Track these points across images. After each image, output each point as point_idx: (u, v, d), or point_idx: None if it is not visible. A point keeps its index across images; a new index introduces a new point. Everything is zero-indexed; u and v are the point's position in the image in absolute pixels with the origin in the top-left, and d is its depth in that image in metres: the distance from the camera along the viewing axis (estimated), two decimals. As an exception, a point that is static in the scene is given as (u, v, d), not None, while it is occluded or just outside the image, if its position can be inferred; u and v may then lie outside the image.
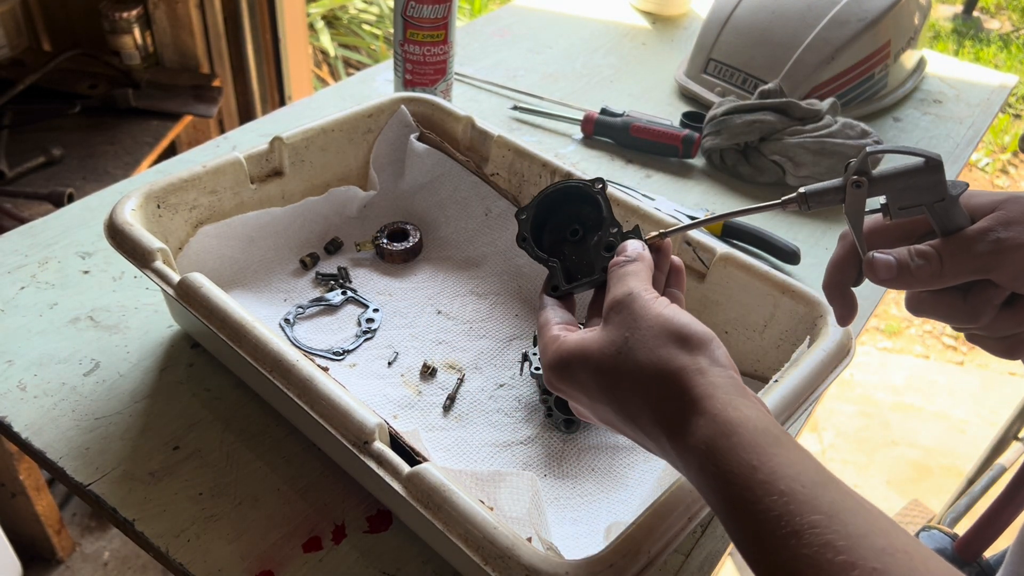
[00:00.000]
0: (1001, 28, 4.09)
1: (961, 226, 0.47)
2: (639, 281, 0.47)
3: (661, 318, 0.44)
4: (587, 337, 0.46)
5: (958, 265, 0.46)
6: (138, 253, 0.63)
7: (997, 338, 0.51)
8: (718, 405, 0.40)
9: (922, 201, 0.46)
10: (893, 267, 0.47)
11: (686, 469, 0.41)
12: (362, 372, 0.72)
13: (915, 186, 0.46)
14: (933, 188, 0.46)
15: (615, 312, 0.46)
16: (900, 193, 0.47)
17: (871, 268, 0.48)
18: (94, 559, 1.53)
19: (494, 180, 0.84)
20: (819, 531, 0.34)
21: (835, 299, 0.52)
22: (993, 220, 0.46)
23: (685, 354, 0.43)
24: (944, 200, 0.46)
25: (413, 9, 0.99)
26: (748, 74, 1.14)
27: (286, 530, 0.59)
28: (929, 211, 0.47)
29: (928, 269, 0.46)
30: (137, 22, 1.59)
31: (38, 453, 0.63)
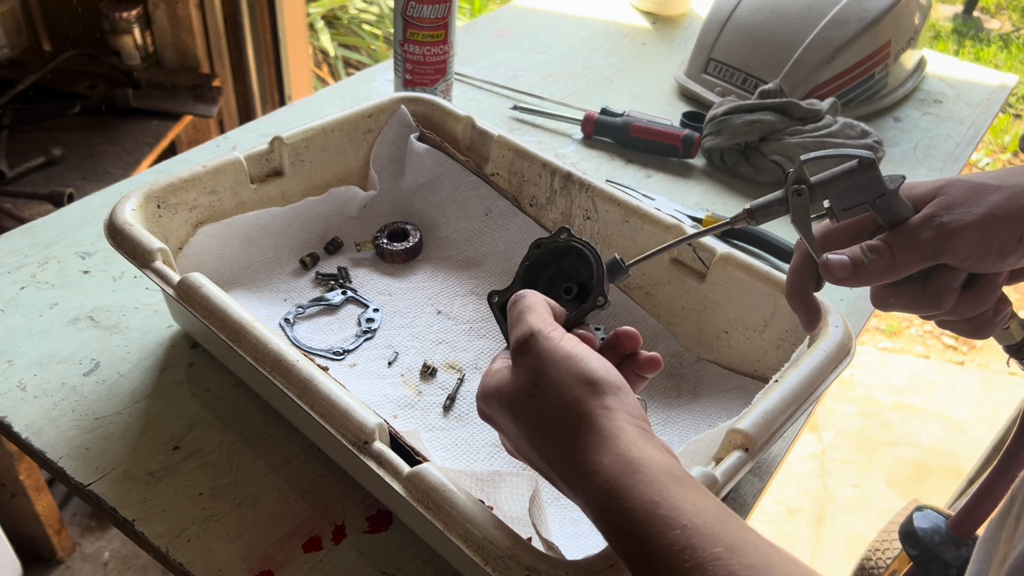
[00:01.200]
0: (1001, 28, 4.09)
1: (906, 217, 0.48)
2: (537, 317, 0.47)
3: (568, 360, 0.44)
4: (503, 379, 0.46)
5: (909, 254, 0.48)
6: (138, 253, 0.63)
7: (964, 320, 0.52)
8: (622, 445, 0.41)
9: (863, 199, 0.48)
10: (848, 265, 0.48)
11: (591, 510, 0.41)
12: (362, 372, 0.72)
13: (854, 186, 0.48)
14: (871, 186, 0.48)
15: (521, 354, 0.46)
16: (841, 195, 0.48)
17: (827, 269, 0.49)
18: (94, 559, 1.53)
19: (494, 180, 0.84)
20: (722, 563, 0.35)
21: (798, 306, 0.53)
22: (935, 206, 0.48)
23: (595, 397, 0.43)
24: (884, 195, 0.48)
25: (413, 9, 0.99)
26: (748, 74, 1.14)
27: (286, 530, 0.59)
28: (872, 208, 0.48)
29: (881, 262, 0.48)
30: (137, 22, 1.59)
31: (38, 453, 0.63)
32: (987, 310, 0.51)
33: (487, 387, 0.47)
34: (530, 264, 0.56)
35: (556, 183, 0.79)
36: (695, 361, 0.74)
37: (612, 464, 0.40)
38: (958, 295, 0.49)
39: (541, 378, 0.44)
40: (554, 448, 0.43)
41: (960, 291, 0.49)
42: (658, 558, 0.36)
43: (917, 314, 0.52)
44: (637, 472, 0.39)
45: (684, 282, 0.73)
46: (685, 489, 0.38)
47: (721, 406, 0.70)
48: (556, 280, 0.55)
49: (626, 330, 0.51)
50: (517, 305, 0.49)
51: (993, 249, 0.47)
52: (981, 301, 0.50)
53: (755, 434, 0.54)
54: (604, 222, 0.77)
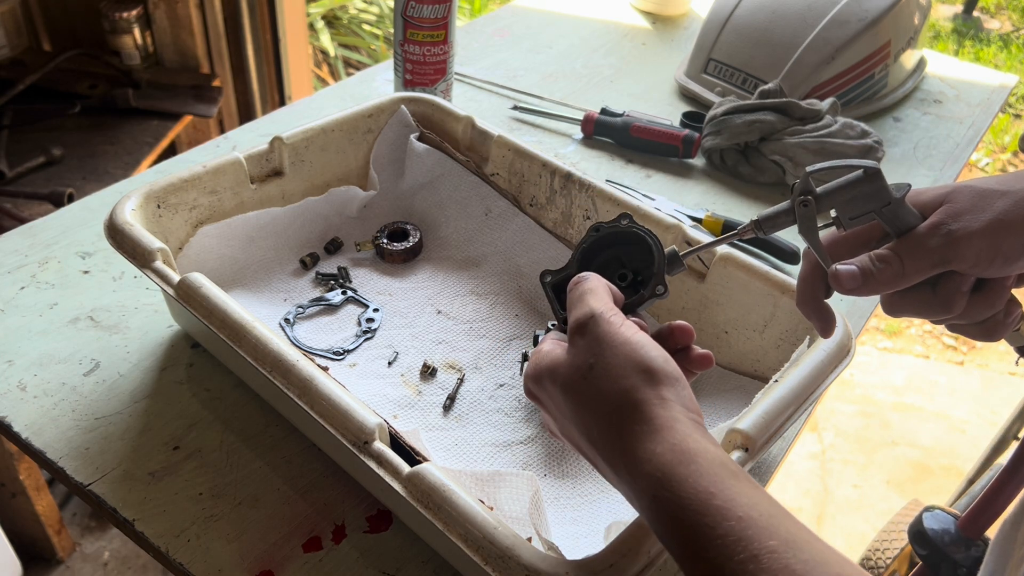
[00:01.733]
0: (1001, 28, 4.09)
1: (913, 225, 0.48)
2: (599, 300, 0.47)
3: (627, 347, 0.44)
4: (558, 358, 0.46)
5: (917, 262, 0.48)
6: (138, 253, 0.63)
7: (975, 324, 0.53)
8: (677, 436, 0.40)
9: (870, 208, 0.48)
10: (857, 276, 0.48)
11: (639, 497, 0.41)
12: (362, 372, 0.72)
13: (859, 196, 0.48)
14: (877, 195, 0.48)
15: (579, 335, 0.45)
16: (847, 205, 0.48)
17: (836, 280, 0.49)
18: (94, 559, 1.53)
19: (494, 180, 0.84)
20: (777, 555, 0.34)
21: (811, 314, 0.53)
22: (942, 214, 0.48)
23: (649, 388, 0.42)
24: (891, 204, 0.48)
25: (413, 9, 0.99)
26: (748, 74, 1.14)
27: (286, 530, 0.59)
28: (879, 216, 0.48)
29: (890, 271, 0.48)
30: (137, 22, 1.59)
31: (38, 453, 0.63)
32: (997, 313, 0.51)
33: (539, 366, 0.47)
34: (587, 247, 0.55)
35: (556, 183, 0.79)
36: (695, 361, 0.74)
37: (666, 453, 0.40)
38: (967, 299, 0.50)
39: (598, 361, 0.44)
40: (604, 432, 0.43)
41: (969, 295, 0.50)
42: (712, 548, 0.36)
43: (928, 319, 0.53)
44: (692, 462, 0.39)
45: (684, 282, 0.73)
46: (740, 482, 0.38)
47: (721, 406, 0.70)
48: (611, 266, 0.55)
49: (681, 324, 0.50)
50: (579, 287, 0.48)
51: (1001, 255, 0.47)
52: (991, 304, 0.50)
53: (755, 434, 0.54)
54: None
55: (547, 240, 0.81)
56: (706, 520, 0.37)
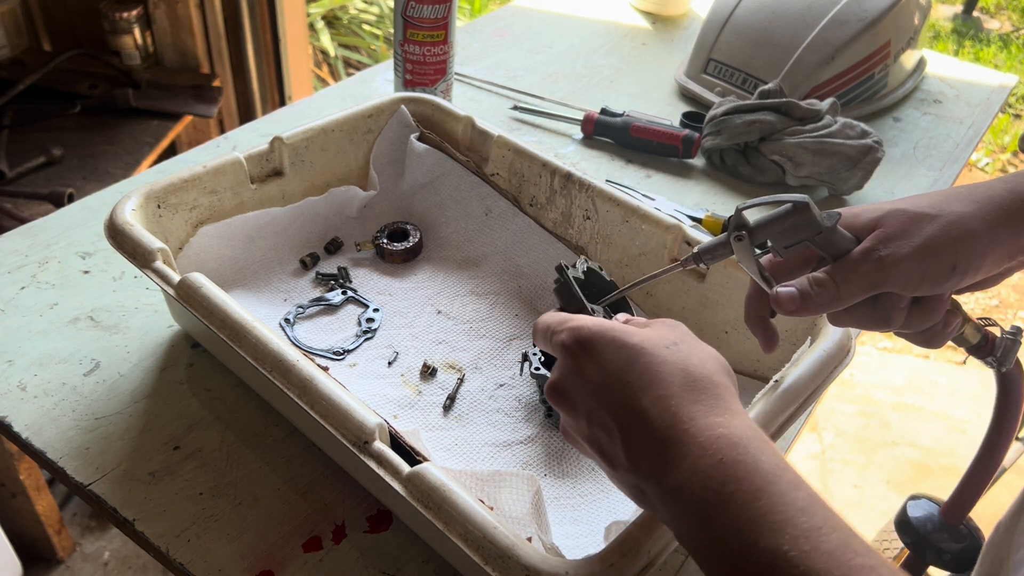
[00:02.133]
0: (1001, 28, 4.09)
1: (847, 249, 0.50)
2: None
3: (709, 347, 0.47)
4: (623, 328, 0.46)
5: (851, 286, 0.50)
6: (138, 253, 0.63)
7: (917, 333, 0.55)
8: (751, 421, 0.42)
9: (802, 238, 0.50)
10: (796, 298, 0.51)
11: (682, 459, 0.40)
12: (362, 372, 0.72)
13: (790, 227, 0.50)
14: (808, 226, 0.49)
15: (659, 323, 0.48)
16: (780, 236, 0.50)
17: (777, 303, 0.51)
18: (94, 559, 1.53)
19: (494, 180, 0.84)
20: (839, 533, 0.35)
21: (756, 331, 0.56)
22: (874, 239, 0.50)
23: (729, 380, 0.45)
24: (822, 233, 0.50)
25: (413, 9, 0.99)
26: (748, 74, 1.14)
27: (286, 530, 0.59)
28: (813, 244, 0.50)
29: (827, 295, 0.50)
30: (137, 22, 1.59)
31: (38, 453, 0.63)
32: (936, 324, 0.54)
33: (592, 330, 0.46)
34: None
35: (556, 183, 0.79)
36: (695, 361, 0.74)
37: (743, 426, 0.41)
38: (906, 313, 0.52)
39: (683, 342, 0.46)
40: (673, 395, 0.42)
41: (908, 309, 0.52)
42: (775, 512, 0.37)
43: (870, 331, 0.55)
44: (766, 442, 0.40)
45: (684, 282, 0.73)
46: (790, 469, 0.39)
47: (721, 406, 0.70)
48: None
49: None
50: None
51: (928, 278, 0.49)
52: (928, 317, 0.53)
53: (755, 434, 0.54)
54: (604, 222, 0.77)
55: (547, 240, 0.81)
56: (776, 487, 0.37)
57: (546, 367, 0.68)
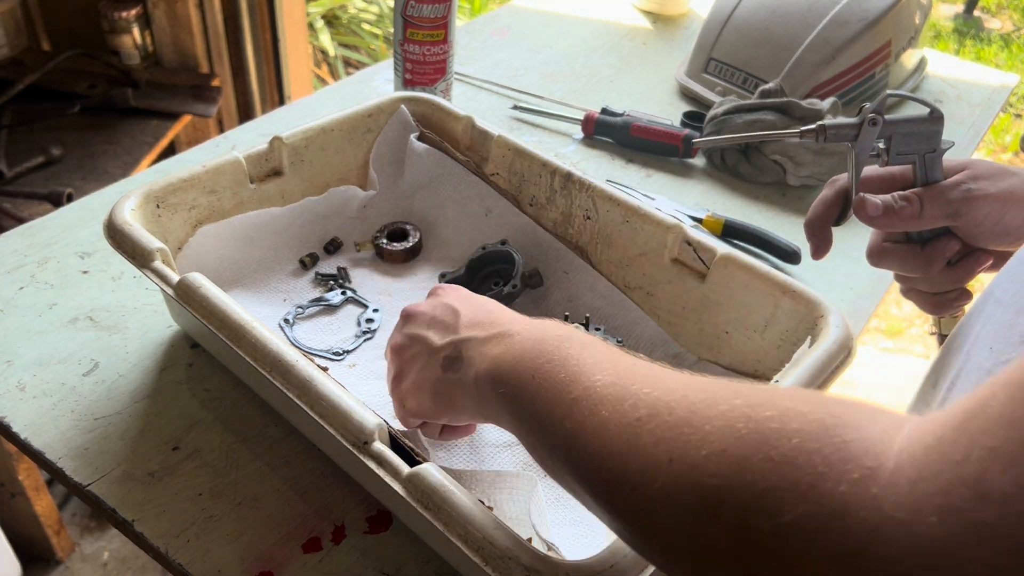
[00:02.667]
0: (1002, 28, 4.09)
1: (938, 179, 0.55)
2: None
3: None
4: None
5: (935, 209, 0.55)
6: (137, 253, 0.63)
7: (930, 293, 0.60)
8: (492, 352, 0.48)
9: (918, 149, 0.54)
10: (880, 206, 0.55)
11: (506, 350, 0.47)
12: (362, 372, 0.71)
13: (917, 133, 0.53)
14: (930, 138, 0.54)
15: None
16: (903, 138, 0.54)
17: (862, 206, 0.55)
18: (93, 559, 1.53)
19: (494, 180, 0.83)
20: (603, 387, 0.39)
21: (815, 234, 0.60)
22: (965, 175, 0.56)
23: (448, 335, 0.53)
24: (936, 151, 0.54)
25: (413, 9, 0.99)
26: (748, 74, 1.14)
27: (286, 530, 0.59)
28: (920, 160, 0.54)
29: (910, 210, 0.55)
30: (136, 22, 1.59)
31: (37, 453, 0.63)
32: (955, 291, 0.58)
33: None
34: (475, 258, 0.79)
35: (556, 183, 0.79)
36: (695, 361, 0.74)
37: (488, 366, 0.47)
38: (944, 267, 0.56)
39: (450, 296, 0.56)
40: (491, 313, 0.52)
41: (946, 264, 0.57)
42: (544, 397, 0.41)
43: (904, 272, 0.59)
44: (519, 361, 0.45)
45: (684, 282, 0.73)
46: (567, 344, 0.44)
47: (721, 406, 0.70)
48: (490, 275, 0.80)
49: None
50: None
51: (1003, 222, 0.54)
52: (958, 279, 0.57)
53: (756, 434, 0.53)
54: (604, 222, 0.77)
55: (547, 240, 0.81)
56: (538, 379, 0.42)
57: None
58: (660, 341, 0.75)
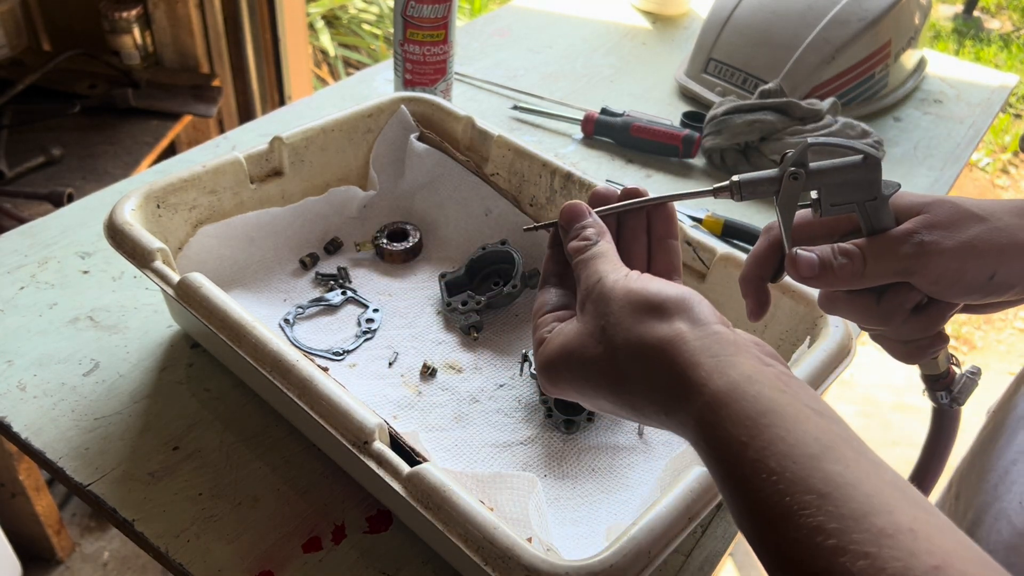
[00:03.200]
0: (1002, 28, 4.09)
1: (887, 227, 0.47)
2: (606, 262, 0.44)
3: (631, 295, 0.41)
4: (568, 334, 0.43)
5: (881, 266, 0.46)
6: (138, 253, 0.63)
7: (901, 342, 0.52)
8: (703, 374, 0.37)
9: (855, 199, 0.46)
10: (815, 265, 0.47)
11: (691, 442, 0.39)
12: (362, 372, 0.72)
13: (851, 182, 0.46)
14: (868, 186, 0.46)
15: (589, 302, 0.43)
16: (835, 188, 0.46)
17: (793, 264, 0.48)
18: (94, 559, 1.53)
19: (494, 180, 0.83)
20: (809, 512, 0.32)
21: (749, 293, 0.51)
22: (918, 223, 0.46)
23: (662, 324, 0.39)
24: (876, 199, 0.46)
25: (413, 9, 0.99)
26: (748, 74, 1.14)
27: (286, 530, 0.59)
28: (859, 209, 0.47)
29: (850, 268, 0.47)
30: (137, 22, 1.59)
31: (38, 453, 0.63)
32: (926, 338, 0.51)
33: (548, 357, 0.44)
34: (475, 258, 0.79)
35: (556, 183, 0.79)
36: (695, 361, 0.74)
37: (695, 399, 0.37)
38: (907, 317, 0.49)
39: (607, 319, 0.41)
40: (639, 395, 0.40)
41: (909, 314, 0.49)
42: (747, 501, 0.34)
43: (860, 324, 0.52)
44: (722, 407, 0.36)
45: (684, 282, 0.73)
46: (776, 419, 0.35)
47: (721, 406, 0.70)
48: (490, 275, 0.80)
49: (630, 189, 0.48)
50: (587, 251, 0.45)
51: (964, 280, 0.46)
52: (926, 328, 0.50)
53: (755, 434, 0.53)
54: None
55: (547, 240, 0.81)
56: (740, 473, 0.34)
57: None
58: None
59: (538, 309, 0.47)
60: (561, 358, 0.43)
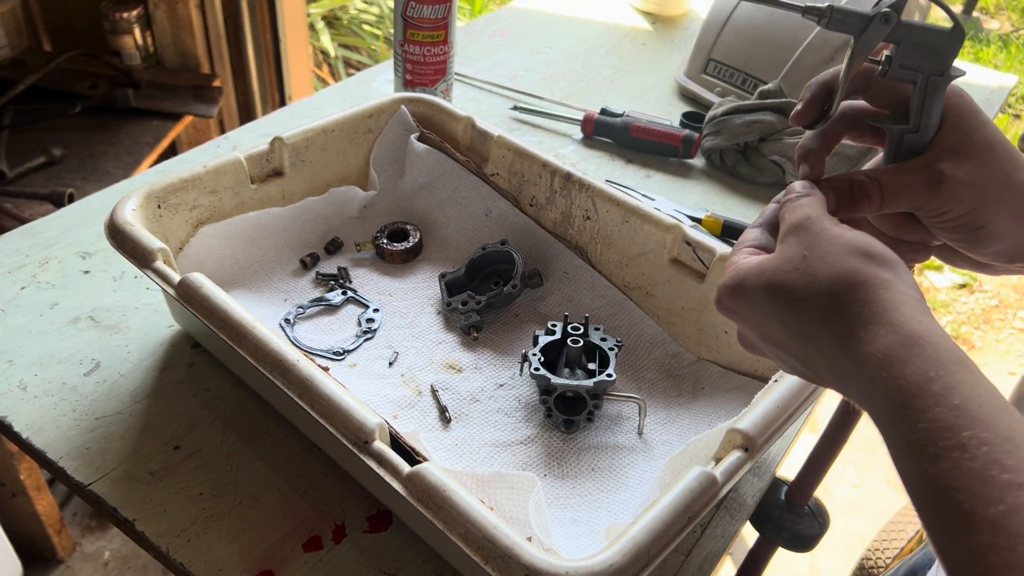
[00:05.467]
0: (1000, 28, 4.09)
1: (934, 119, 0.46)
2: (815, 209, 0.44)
3: (844, 237, 0.41)
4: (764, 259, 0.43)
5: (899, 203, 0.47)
6: (138, 253, 0.63)
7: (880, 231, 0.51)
8: (903, 318, 0.37)
9: (925, 67, 0.45)
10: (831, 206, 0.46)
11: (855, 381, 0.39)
12: (362, 372, 0.72)
13: (929, 47, 0.45)
14: (942, 58, 0.45)
15: (792, 235, 0.43)
16: (912, 48, 0.45)
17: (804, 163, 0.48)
18: (94, 559, 1.53)
19: (494, 180, 0.84)
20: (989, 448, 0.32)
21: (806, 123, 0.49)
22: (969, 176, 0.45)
23: (871, 267, 0.40)
24: (942, 76, 0.45)
25: (413, 9, 0.99)
26: (748, 74, 1.14)
27: (286, 530, 0.59)
28: (920, 83, 0.46)
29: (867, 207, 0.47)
30: (137, 22, 1.59)
31: (38, 453, 0.63)
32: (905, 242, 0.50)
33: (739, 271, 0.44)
34: (475, 258, 0.79)
35: (556, 183, 0.79)
36: (695, 361, 0.74)
37: (888, 335, 0.37)
38: None
39: (812, 251, 0.41)
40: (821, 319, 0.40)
41: None
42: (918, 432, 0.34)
43: None
44: (915, 345, 0.36)
45: (684, 282, 0.73)
46: (966, 371, 0.35)
47: (721, 406, 0.70)
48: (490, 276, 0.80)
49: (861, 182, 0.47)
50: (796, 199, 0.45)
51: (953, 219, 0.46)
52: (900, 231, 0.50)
53: (755, 434, 0.54)
54: (604, 222, 0.77)
55: (547, 240, 0.81)
56: (919, 403, 0.34)
57: (546, 367, 0.68)
58: (659, 341, 0.76)
59: (740, 241, 0.47)
60: (752, 275, 0.43)
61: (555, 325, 0.71)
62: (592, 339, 0.70)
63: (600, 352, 0.70)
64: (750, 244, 0.46)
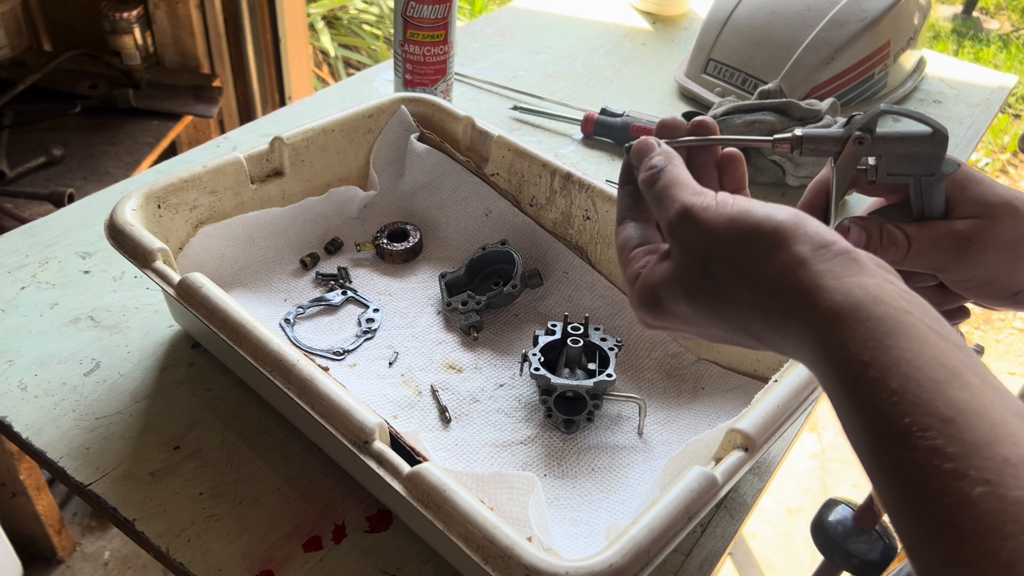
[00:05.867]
0: (1001, 28, 4.09)
1: (937, 208, 0.46)
2: (682, 189, 0.41)
3: (734, 224, 0.39)
4: (668, 267, 0.41)
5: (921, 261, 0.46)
6: (138, 253, 0.63)
7: None
8: (826, 296, 0.35)
9: (913, 172, 0.45)
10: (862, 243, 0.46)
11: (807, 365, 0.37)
12: (362, 372, 0.72)
13: (912, 154, 0.45)
14: (929, 161, 0.45)
15: (682, 234, 0.40)
16: (895, 158, 0.45)
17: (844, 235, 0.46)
18: (94, 559, 1.53)
19: (494, 180, 0.84)
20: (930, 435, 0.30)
21: None
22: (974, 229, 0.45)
23: (780, 252, 0.37)
24: (933, 176, 0.45)
25: (413, 9, 0.99)
26: (748, 74, 1.14)
27: (286, 530, 0.59)
28: (914, 183, 0.45)
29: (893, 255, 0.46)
30: (137, 22, 1.60)
31: (38, 453, 0.63)
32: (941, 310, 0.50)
33: (646, 286, 0.42)
34: (475, 258, 0.79)
35: (556, 183, 0.79)
36: (695, 361, 0.74)
37: (817, 320, 0.35)
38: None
39: (713, 252, 0.39)
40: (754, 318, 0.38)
41: None
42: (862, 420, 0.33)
43: None
44: (845, 327, 0.34)
45: (684, 282, 0.73)
46: (902, 340, 0.33)
47: (721, 406, 0.70)
48: (490, 276, 0.80)
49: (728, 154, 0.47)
50: (658, 182, 0.43)
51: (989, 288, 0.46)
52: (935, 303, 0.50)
53: (755, 434, 0.54)
54: (604, 222, 0.77)
55: (547, 240, 0.81)
56: (858, 392, 0.33)
57: (546, 367, 0.68)
58: (659, 341, 0.76)
59: (623, 246, 0.45)
60: (666, 291, 0.41)
61: (555, 325, 0.71)
62: (592, 339, 0.70)
63: (600, 352, 0.70)
64: (636, 246, 0.45)
